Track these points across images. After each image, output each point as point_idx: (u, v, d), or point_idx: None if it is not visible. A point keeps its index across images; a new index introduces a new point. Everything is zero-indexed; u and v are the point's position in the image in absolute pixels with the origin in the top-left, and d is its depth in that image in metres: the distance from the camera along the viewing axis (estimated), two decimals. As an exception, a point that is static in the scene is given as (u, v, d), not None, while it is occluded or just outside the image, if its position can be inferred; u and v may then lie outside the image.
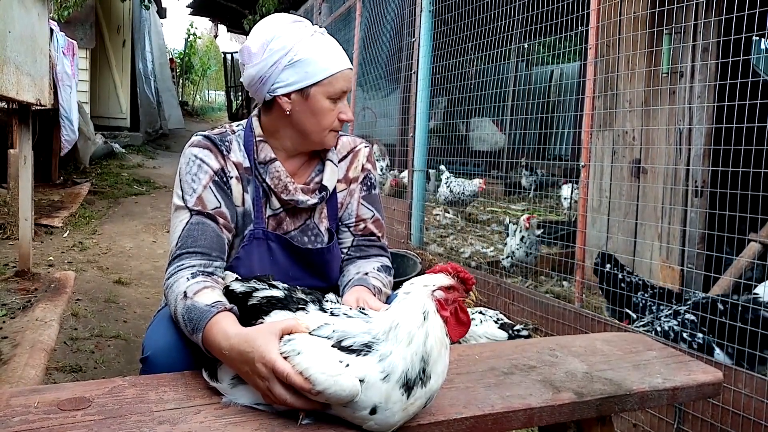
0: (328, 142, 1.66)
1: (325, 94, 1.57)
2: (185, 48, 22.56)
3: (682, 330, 2.48)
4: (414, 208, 4.73)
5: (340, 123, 1.63)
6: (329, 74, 1.55)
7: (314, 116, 1.58)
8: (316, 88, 1.56)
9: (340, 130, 1.67)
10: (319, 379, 1.08)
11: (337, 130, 1.66)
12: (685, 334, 2.47)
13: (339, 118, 1.62)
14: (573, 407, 1.35)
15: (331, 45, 1.60)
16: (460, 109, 5.10)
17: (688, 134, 3.36)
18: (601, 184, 4.07)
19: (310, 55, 1.54)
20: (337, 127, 1.64)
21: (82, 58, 9.38)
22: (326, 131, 1.62)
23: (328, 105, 1.58)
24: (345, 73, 1.59)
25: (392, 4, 5.82)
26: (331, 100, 1.58)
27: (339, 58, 1.59)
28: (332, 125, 1.62)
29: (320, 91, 1.56)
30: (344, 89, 1.60)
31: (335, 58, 1.58)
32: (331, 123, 1.61)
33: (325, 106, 1.58)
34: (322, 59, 1.55)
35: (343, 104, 1.62)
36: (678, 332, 2.49)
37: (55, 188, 6.95)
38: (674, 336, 2.49)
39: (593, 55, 3.11)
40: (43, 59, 3.70)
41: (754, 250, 3.02)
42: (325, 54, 1.56)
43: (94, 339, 3.16)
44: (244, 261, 1.58)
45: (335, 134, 1.66)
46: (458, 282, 1.21)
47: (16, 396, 1.20)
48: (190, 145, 1.58)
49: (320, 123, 1.60)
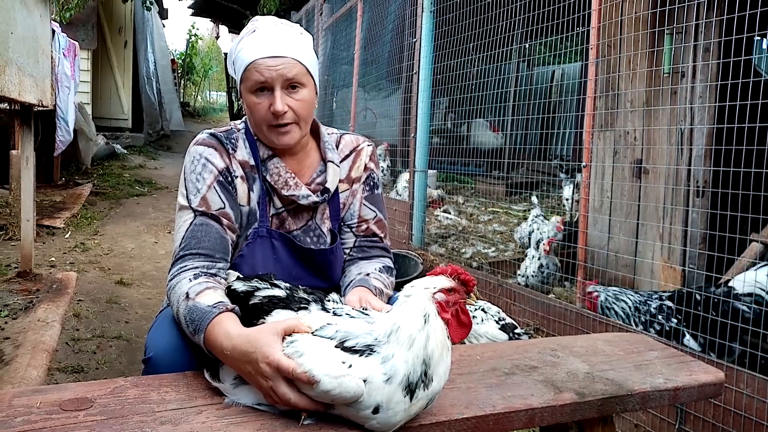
0: (272, 140, 1.55)
1: (246, 89, 1.53)
2: (187, 49, 22.58)
3: (658, 313, 2.60)
4: (415, 209, 4.73)
5: (275, 117, 1.51)
6: (244, 68, 1.51)
7: (250, 113, 1.55)
8: (242, 84, 1.54)
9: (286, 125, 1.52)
10: (324, 380, 1.08)
11: (277, 125, 1.52)
12: (661, 317, 2.58)
13: (270, 111, 1.50)
14: (574, 407, 1.35)
15: (259, 38, 1.50)
16: (458, 110, 5.10)
17: (690, 134, 3.36)
18: (603, 185, 4.06)
19: (239, 52, 1.53)
20: (272, 122, 1.51)
21: (84, 59, 9.39)
22: (263, 127, 1.53)
23: (252, 99, 1.52)
24: (259, 62, 1.48)
25: (393, 5, 5.82)
26: (254, 94, 1.51)
27: (256, 49, 1.49)
28: (265, 120, 1.52)
29: (244, 87, 1.53)
30: (260, 80, 1.48)
31: (252, 49, 1.49)
32: (262, 118, 1.52)
33: (250, 101, 1.52)
34: (243, 54, 1.51)
35: (272, 96, 1.49)
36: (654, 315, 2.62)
37: (57, 189, 6.96)
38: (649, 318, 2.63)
39: (594, 56, 3.11)
40: (45, 60, 3.70)
41: (755, 250, 3.01)
42: (247, 48, 1.51)
43: (96, 339, 3.16)
44: (248, 259, 1.58)
45: (278, 131, 1.53)
46: (459, 284, 1.21)
47: (18, 396, 1.20)
48: (195, 143, 1.57)
49: (253, 119, 1.55)
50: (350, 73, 6.43)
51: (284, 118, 1.51)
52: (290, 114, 1.52)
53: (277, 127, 1.53)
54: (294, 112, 1.52)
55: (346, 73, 6.77)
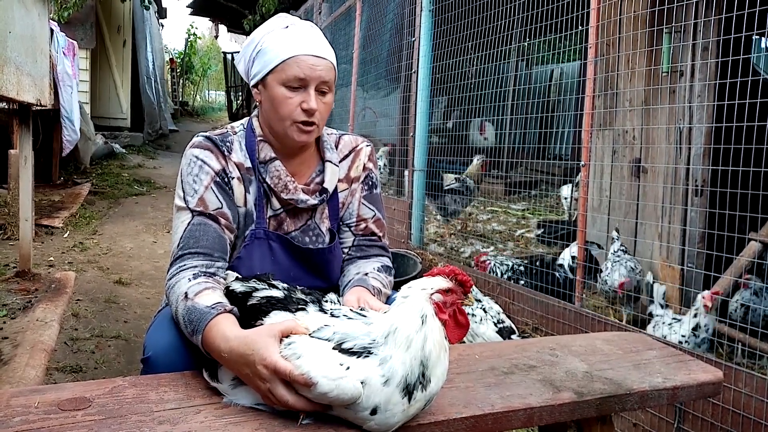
0: (293, 136, 1.55)
1: (278, 81, 1.52)
2: (185, 48, 22.56)
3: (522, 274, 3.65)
4: (414, 208, 4.73)
5: (304, 114, 1.52)
6: (281, 60, 1.51)
7: (272, 105, 1.55)
8: (272, 75, 1.53)
9: (310, 124, 1.54)
10: (321, 382, 1.08)
11: (304, 122, 1.53)
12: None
13: (302, 108, 1.52)
14: (573, 407, 1.35)
15: (297, 34, 1.53)
16: (458, 109, 5.09)
17: (688, 133, 3.36)
18: (602, 184, 4.07)
19: (270, 44, 1.53)
20: (300, 118, 1.52)
21: (83, 58, 9.39)
22: (286, 122, 1.54)
23: (283, 93, 1.52)
24: (302, 58, 1.50)
25: (392, 4, 5.81)
26: (287, 88, 1.51)
27: (297, 45, 1.51)
28: (292, 116, 1.53)
29: (274, 78, 1.53)
30: (300, 75, 1.50)
31: (293, 44, 1.51)
32: (290, 113, 1.52)
33: (279, 94, 1.52)
34: (279, 47, 1.52)
35: (306, 94, 1.52)
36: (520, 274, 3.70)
37: (56, 188, 6.95)
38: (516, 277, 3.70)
39: (593, 54, 3.11)
40: (44, 59, 3.70)
41: (754, 249, 3.02)
42: (284, 42, 1.52)
43: (95, 339, 3.16)
44: (246, 261, 1.58)
45: (301, 128, 1.54)
46: (456, 285, 1.20)
47: (16, 396, 1.20)
48: (191, 146, 1.58)
49: (278, 112, 1.54)
50: (349, 73, 6.43)
51: (312, 117, 1.54)
52: (317, 115, 1.55)
53: (303, 124, 1.54)
54: (319, 114, 1.55)
55: (345, 73, 6.76)
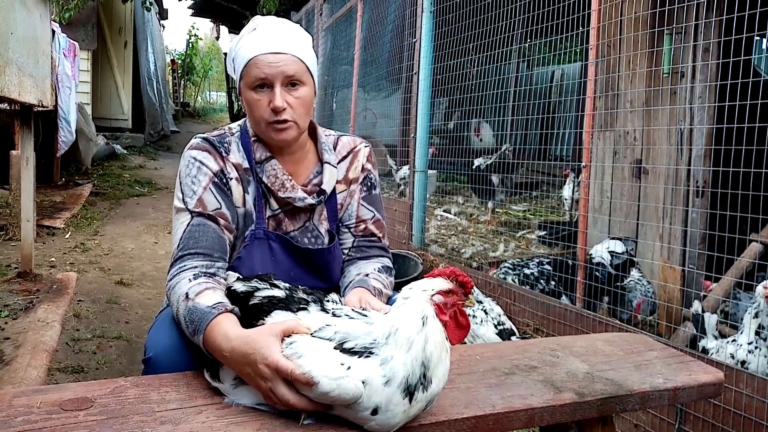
0: (273, 137, 1.54)
1: (247, 85, 1.53)
2: (187, 49, 22.59)
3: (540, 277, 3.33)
4: (415, 209, 4.73)
5: (274, 113, 1.51)
6: (244, 64, 1.51)
7: (249, 109, 1.56)
8: (242, 81, 1.54)
9: (285, 122, 1.52)
10: (323, 382, 1.08)
11: (276, 122, 1.51)
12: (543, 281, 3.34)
13: (270, 107, 1.50)
14: (574, 407, 1.35)
15: (261, 34, 1.51)
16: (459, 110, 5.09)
17: (689, 134, 3.36)
18: (603, 185, 4.06)
19: (239, 50, 1.54)
20: (272, 118, 1.51)
21: (84, 59, 9.39)
22: (262, 124, 1.53)
23: (252, 96, 1.52)
24: (260, 58, 1.48)
25: (393, 5, 5.82)
26: (254, 90, 1.51)
27: (257, 45, 1.49)
28: (264, 116, 1.52)
29: (244, 83, 1.54)
30: (260, 76, 1.48)
31: (254, 45, 1.50)
32: (260, 115, 1.52)
33: (250, 98, 1.53)
34: (244, 51, 1.52)
35: (271, 93, 1.50)
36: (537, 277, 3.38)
37: (57, 189, 6.96)
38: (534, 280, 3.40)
39: (594, 56, 3.11)
40: (45, 60, 3.71)
41: (755, 250, 3.01)
42: (248, 45, 1.51)
43: (96, 340, 3.17)
44: (246, 261, 1.58)
45: (276, 127, 1.52)
46: (457, 286, 1.20)
47: (18, 396, 1.20)
48: (189, 148, 1.59)
49: (253, 116, 1.55)
50: (350, 74, 6.43)
51: (283, 115, 1.51)
52: (289, 111, 1.52)
53: (275, 123, 1.52)
54: (292, 109, 1.52)
55: (346, 74, 6.77)
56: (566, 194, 6.07)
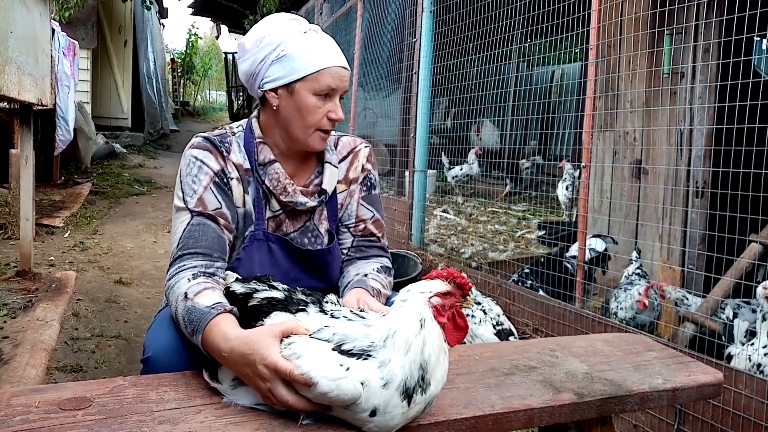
0: (313, 144, 1.59)
1: (310, 90, 1.53)
2: (186, 48, 22.59)
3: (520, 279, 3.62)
4: (415, 209, 4.73)
5: (329, 123, 1.57)
6: (314, 70, 1.52)
7: (299, 113, 1.55)
8: (301, 83, 1.53)
9: (329, 131, 1.60)
10: (322, 382, 1.08)
11: (326, 131, 1.58)
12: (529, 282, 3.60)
13: (328, 117, 1.56)
14: (573, 408, 1.35)
15: (323, 42, 1.55)
16: (459, 110, 5.10)
17: (689, 135, 3.36)
18: (602, 185, 4.07)
19: (297, 50, 1.53)
20: (325, 127, 1.57)
21: (84, 58, 9.39)
22: (311, 130, 1.56)
23: (314, 102, 1.54)
24: (334, 70, 1.54)
25: (393, 5, 5.82)
26: (317, 97, 1.54)
27: (328, 55, 1.54)
28: (319, 124, 1.56)
29: (305, 86, 1.53)
30: (332, 86, 1.54)
31: (324, 54, 1.53)
32: (317, 122, 1.56)
33: (310, 103, 1.54)
34: (309, 55, 1.52)
35: (332, 103, 1.56)
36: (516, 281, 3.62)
37: (57, 188, 6.96)
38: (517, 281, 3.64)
39: (594, 56, 3.11)
40: (45, 59, 3.70)
41: (754, 250, 3.01)
42: (313, 50, 1.53)
43: (95, 339, 3.16)
44: (245, 262, 1.58)
45: (322, 135, 1.59)
46: (455, 287, 1.20)
47: (17, 395, 1.20)
48: (190, 147, 1.58)
49: (305, 120, 1.55)
50: (350, 73, 6.43)
51: (333, 125, 1.59)
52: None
53: (324, 131, 1.58)
54: None
55: (346, 73, 6.76)
56: (560, 194, 6.07)
